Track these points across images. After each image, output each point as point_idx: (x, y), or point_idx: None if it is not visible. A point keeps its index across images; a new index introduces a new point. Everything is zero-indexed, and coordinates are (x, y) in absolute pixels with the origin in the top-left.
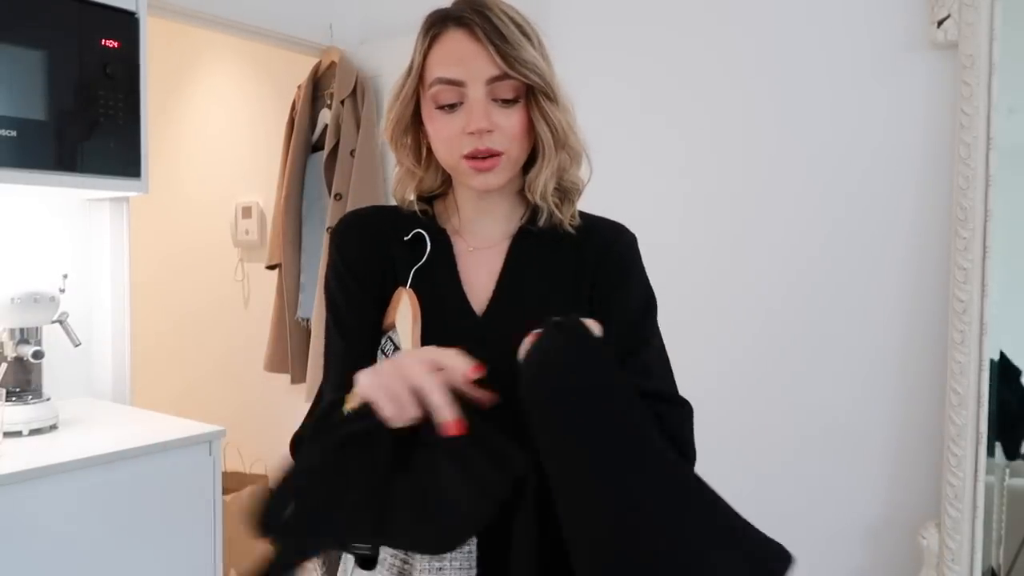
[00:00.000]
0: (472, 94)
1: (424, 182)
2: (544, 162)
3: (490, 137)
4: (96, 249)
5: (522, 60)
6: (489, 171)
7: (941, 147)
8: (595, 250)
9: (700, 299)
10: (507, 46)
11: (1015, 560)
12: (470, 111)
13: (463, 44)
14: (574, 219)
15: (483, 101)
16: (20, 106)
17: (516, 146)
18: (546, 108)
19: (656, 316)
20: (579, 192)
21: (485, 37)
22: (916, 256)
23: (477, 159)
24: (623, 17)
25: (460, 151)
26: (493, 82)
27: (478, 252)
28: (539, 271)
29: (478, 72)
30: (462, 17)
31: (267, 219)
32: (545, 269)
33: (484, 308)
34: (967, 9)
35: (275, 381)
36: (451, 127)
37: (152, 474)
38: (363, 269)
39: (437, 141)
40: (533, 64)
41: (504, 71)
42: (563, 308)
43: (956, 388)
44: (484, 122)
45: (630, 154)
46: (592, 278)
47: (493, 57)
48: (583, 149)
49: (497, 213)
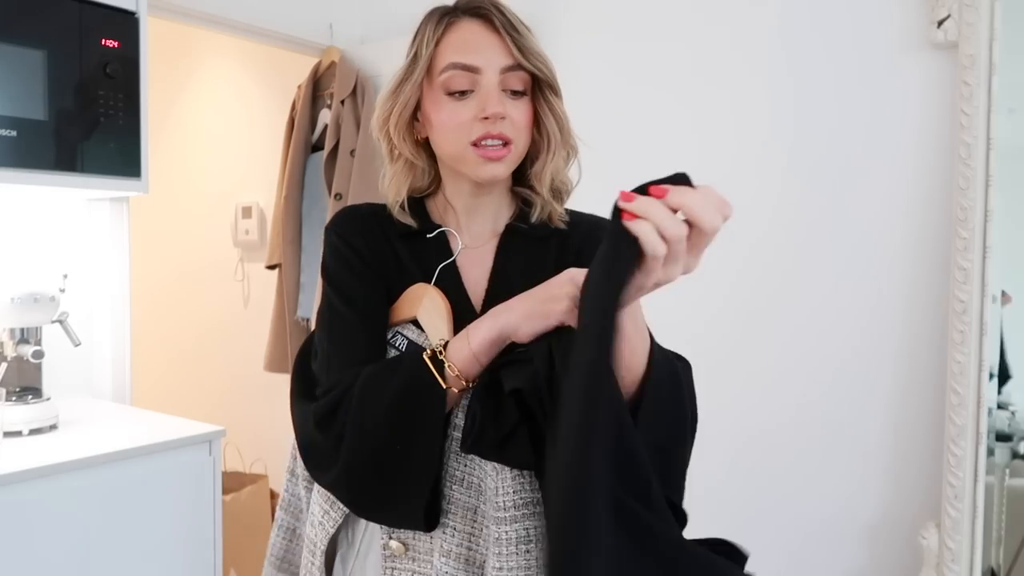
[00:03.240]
0: (486, 80)
1: (415, 180)
2: (550, 155)
3: (502, 124)
4: (96, 249)
5: (536, 52)
6: (498, 161)
7: (941, 147)
8: (579, 241)
9: (699, 299)
10: (521, 38)
11: (1015, 560)
12: (485, 97)
13: (479, 32)
14: (562, 218)
15: (497, 88)
16: (20, 106)
17: (522, 138)
18: (552, 102)
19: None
20: (569, 193)
21: (503, 27)
22: (916, 256)
23: (486, 148)
24: (623, 17)
25: (469, 138)
26: (507, 71)
27: (470, 250)
28: (527, 266)
29: (493, 60)
30: (479, 8)
31: (267, 219)
32: (533, 264)
33: (480, 305)
34: (967, 9)
35: (275, 381)
36: (461, 114)
37: (152, 474)
38: (369, 256)
39: (443, 130)
40: (542, 56)
41: (519, 61)
42: None
43: (956, 388)
44: (500, 107)
45: (629, 154)
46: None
47: (509, 47)
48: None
49: (489, 210)
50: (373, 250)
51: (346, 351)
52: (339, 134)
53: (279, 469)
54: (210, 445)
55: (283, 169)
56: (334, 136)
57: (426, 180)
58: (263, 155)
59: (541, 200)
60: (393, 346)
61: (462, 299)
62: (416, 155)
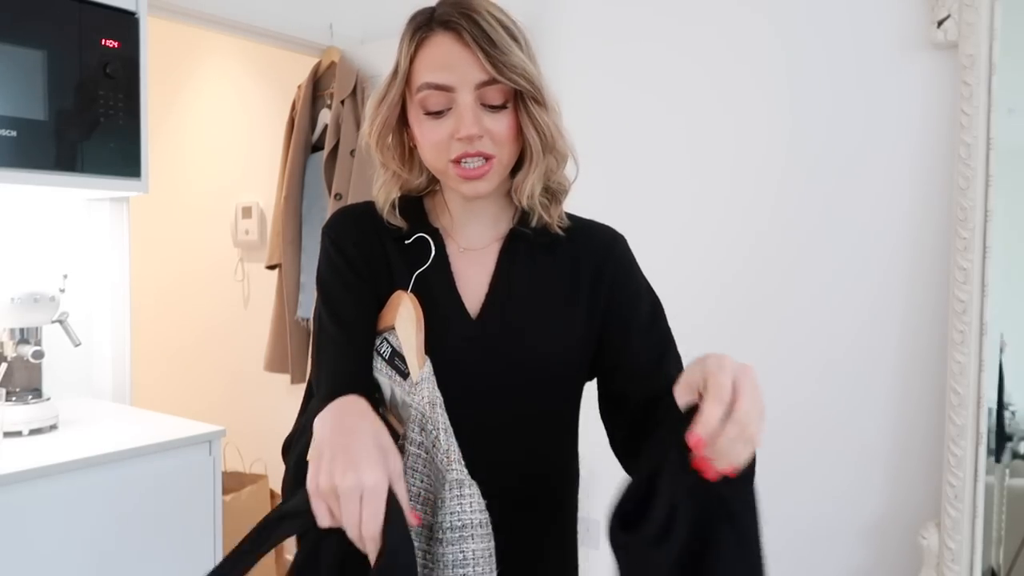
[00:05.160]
0: (461, 99)
1: (410, 182)
2: (531, 167)
3: (480, 142)
4: (96, 249)
5: (511, 65)
6: (479, 179)
7: (941, 147)
8: (593, 255)
9: (700, 300)
10: (496, 51)
11: (1015, 560)
12: (460, 116)
13: (451, 49)
14: (562, 220)
15: (472, 106)
16: (20, 106)
17: (505, 151)
18: (534, 112)
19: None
20: (566, 192)
21: (473, 42)
22: (916, 256)
23: (466, 168)
24: (622, 19)
25: (448, 156)
26: (482, 87)
27: (469, 253)
28: (531, 274)
29: (467, 77)
30: (449, 21)
31: (267, 219)
32: (538, 272)
33: (478, 311)
34: (967, 9)
35: (275, 381)
36: (439, 132)
37: (152, 474)
38: (360, 263)
39: (425, 146)
40: (522, 69)
41: (493, 76)
42: (557, 311)
43: (956, 388)
44: (474, 128)
45: (629, 155)
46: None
47: (482, 62)
48: (569, 151)
49: (486, 215)
50: (365, 256)
51: (330, 367)
52: (339, 134)
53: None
54: (210, 445)
55: (283, 169)
56: (334, 136)
57: (424, 180)
58: (263, 155)
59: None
60: (379, 353)
61: (454, 303)
62: (403, 166)
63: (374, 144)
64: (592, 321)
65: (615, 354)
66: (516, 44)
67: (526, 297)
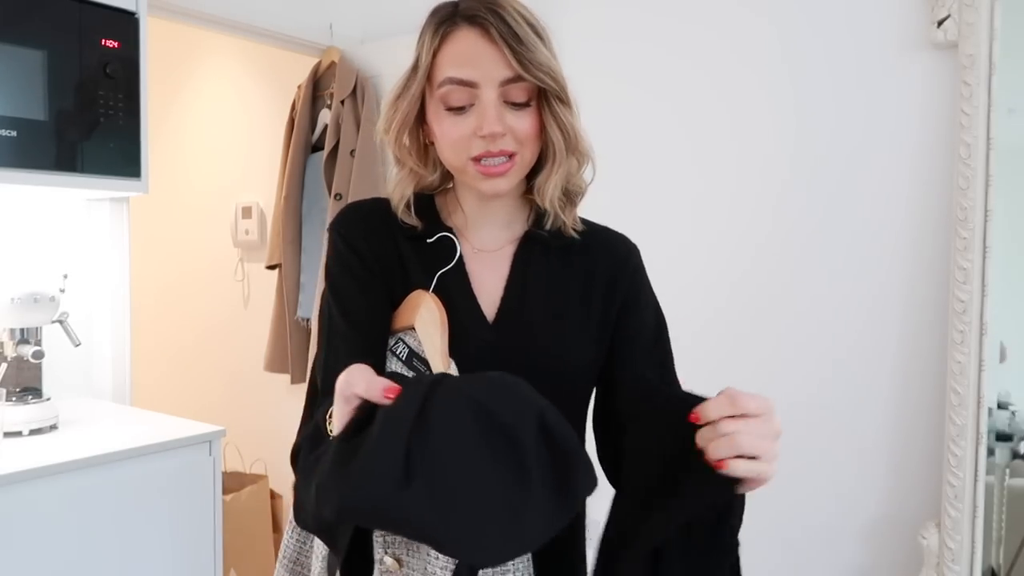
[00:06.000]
0: (484, 96)
1: (424, 180)
2: (555, 167)
3: (502, 140)
4: (96, 249)
5: (537, 63)
6: (500, 176)
7: (941, 147)
8: (609, 265)
9: (700, 300)
10: (522, 48)
11: (1015, 560)
12: (482, 113)
13: (476, 44)
14: (576, 223)
15: (496, 103)
16: (20, 106)
17: (528, 149)
18: (559, 111)
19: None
20: (582, 195)
21: (500, 38)
22: (916, 256)
23: (487, 165)
24: (621, 21)
25: (469, 153)
26: (506, 84)
27: (483, 254)
28: (548, 277)
29: (492, 74)
30: (475, 16)
31: (267, 219)
32: (554, 276)
33: (495, 314)
34: (967, 9)
35: (275, 381)
36: (460, 129)
37: (152, 474)
38: (372, 259)
39: (444, 143)
40: (547, 67)
41: (519, 73)
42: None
43: (956, 388)
44: (498, 126)
45: (630, 157)
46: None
47: (508, 59)
48: (590, 152)
49: (500, 216)
50: (377, 253)
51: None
52: (339, 134)
53: (279, 469)
54: (210, 445)
55: (283, 169)
56: (334, 136)
57: (438, 178)
58: (263, 155)
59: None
60: (394, 353)
61: (471, 306)
62: (420, 163)
63: (392, 141)
64: (603, 330)
65: (617, 366)
66: (541, 41)
67: (541, 302)
